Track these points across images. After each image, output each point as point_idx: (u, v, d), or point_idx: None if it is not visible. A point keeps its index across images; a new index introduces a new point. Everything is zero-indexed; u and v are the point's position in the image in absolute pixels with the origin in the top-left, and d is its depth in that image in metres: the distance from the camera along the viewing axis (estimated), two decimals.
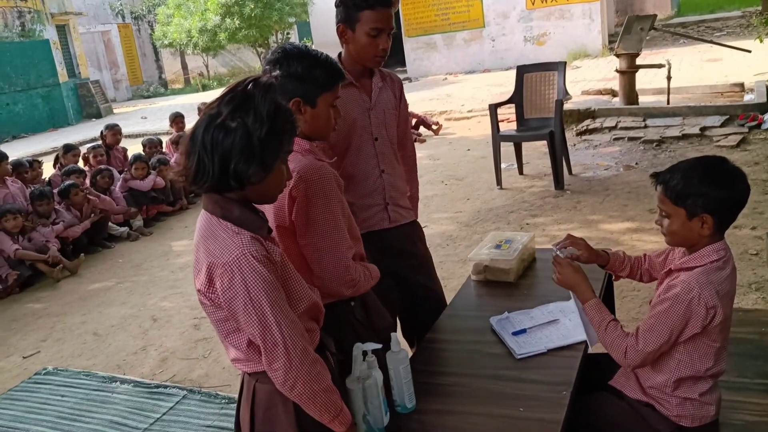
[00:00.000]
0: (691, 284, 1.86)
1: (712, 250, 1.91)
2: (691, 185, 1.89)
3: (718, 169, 1.92)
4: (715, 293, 1.85)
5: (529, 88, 6.68)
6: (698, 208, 1.88)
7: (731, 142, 6.96)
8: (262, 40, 17.51)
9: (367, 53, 2.48)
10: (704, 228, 1.90)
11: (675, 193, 1.91)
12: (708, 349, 1.94)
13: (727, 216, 1.92)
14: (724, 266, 1.92)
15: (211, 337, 4.34)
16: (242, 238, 1.55)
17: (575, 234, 2.42)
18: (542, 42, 15.83)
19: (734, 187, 1.89)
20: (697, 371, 1.95)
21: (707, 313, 1.85)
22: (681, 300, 1.87)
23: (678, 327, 1.89)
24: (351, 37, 2.46)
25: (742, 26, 16.24)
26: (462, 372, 2.15)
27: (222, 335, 1.66)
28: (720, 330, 1.93)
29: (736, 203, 1.91)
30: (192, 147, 1.55)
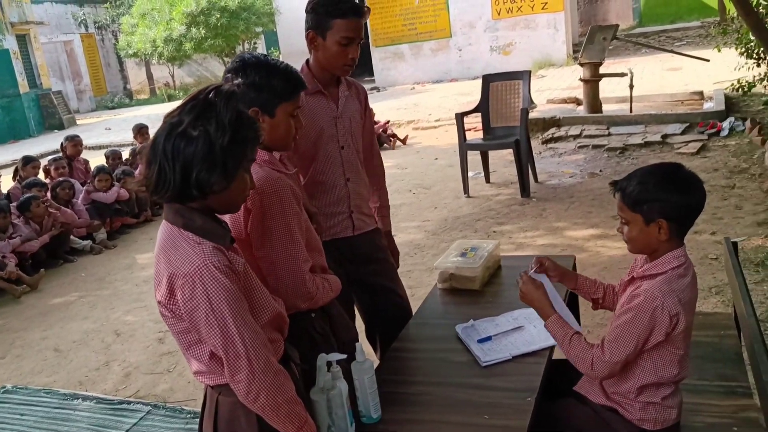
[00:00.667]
0: (654, 293, 1.88)
1: (673, 257, 1.93)
2: (647, 191, 1.91)
3: (674, 175, 1.94)
4: (678, 301, 1.87)
5: (494, 97, 6.75)
6: (654, 213, 1.90)
7: (692, 149, 7.11)
8: (228, 50, 17.41)
9: (337, 61, 2.48)
10: (661, 233, 1.91)
11: (632, 200, 1.93)
12: (672, 357, 1.96)
13: (684, 221, 1.94)
14: (686, 273, 1.94)
15: (176, 350, 4.27)
16: (204, 248, 1.53)
17: (541, 241, 2.46)
18: (508, 52, 16.00)
19: (690, 193, 1.91)
20: (660, 378, 1.97)
21: (671, 321, 1.87)
22: (645, 309, 1.88)
23: (643, 336, 1.90)
24: (321, 45, 2.46)
25: (701, 36, 16.61)
26: (428, 381, 2.14)
27: (184, 347, 1.64)
28: (683, 337, 1.95)
29: (692, 209, 1.93)
30: (153, 156, 1.53)
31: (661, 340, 1.91)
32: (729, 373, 2.40)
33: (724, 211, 5.26)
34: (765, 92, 8.48)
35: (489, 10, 15.98)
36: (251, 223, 1.93)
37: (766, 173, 5.97)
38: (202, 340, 1.58)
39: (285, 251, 1.95)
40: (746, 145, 6.96)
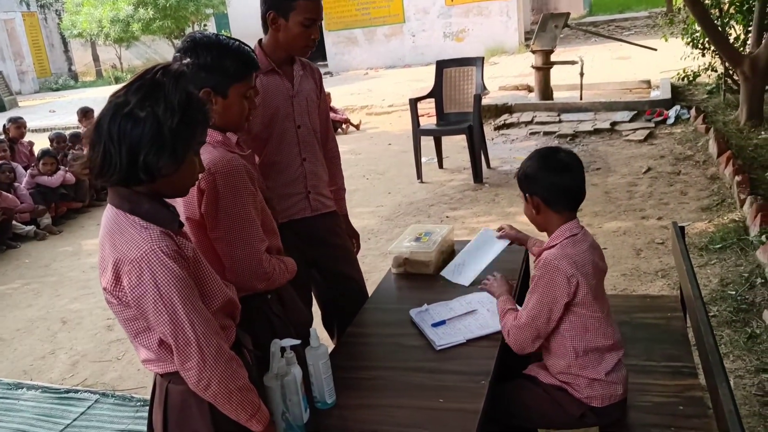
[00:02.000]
0: (549, 259, 2.03)
1: (565, 230, 2.08)
2: (526, 169, 2.12)
3: (548, 158, 2.12)
4: (573, 263, 1.99)
5: (448, 83, 6.77)
6: (530, 190, 2.10)
7: (639, 136, 7.27)
8: (178, 32, 17.00)
9: (298, 43, 2.48)
10: (538, 209, 2.10)
11: (519, 180, 2.16)
12: (590, 321, 2.04)
13: (556, 200, 2.08)
14: (582, 240, 2.07)
15: (125, 338, 4.16)
16: (151, 232, 1.48)
17: (494, 226, 2.58)
18: (461, 38, 16.05)
19: (559, 174, 2.07)
20: (590, 342, 2.04)
21: (568, 282, 1.98)
22: (542, 276, 2.03)
23: (546, 300, 2.01)
24: (282, 26, 2.45)
25: (649, 26, 16.96)
26: (382, 365, 2.14)
27: (131, 335, 1.59)
28: (594, 300, 2.02)
29: (562, 189, 2.08)
30: (97, 137, 1.47)
31: (574, 306, 2.01)
32: (675, 353, 2.47)
33: (670, 197, 5.40)
34: (709, 82, 8.72)
35: None
36: (205, 204, 1.90)
37: (709, 160, 6.14)
38: (150, 328, 1.54)
39: (240, 231, 1.92)
40: (691, 132, 7.16)
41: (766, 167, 5.69)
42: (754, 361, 3.04)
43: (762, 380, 2.91)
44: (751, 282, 3.72)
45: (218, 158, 1.87)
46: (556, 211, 2.08)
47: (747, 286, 3.69)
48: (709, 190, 5.42)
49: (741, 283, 3.75)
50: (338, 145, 2.92)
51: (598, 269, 2.07)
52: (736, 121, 7.13)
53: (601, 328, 2.04)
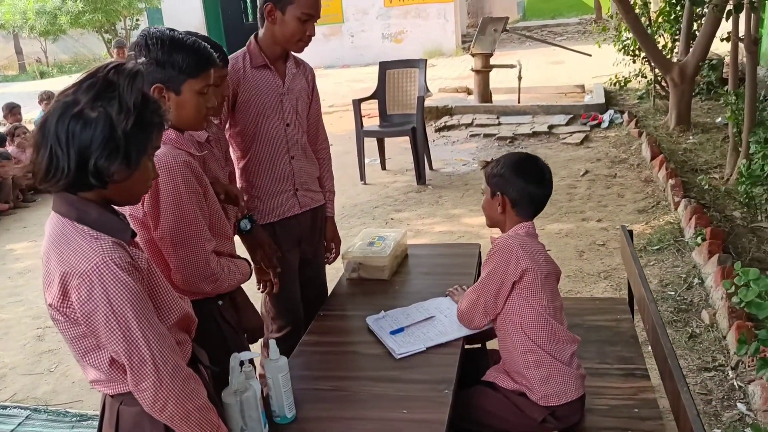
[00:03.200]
0: (504, 239, 2.13)
1: (520, 227, 2.16)
2: (498, 168, 2.17)
3: (527, 164, 2.18)
4: (525, 248, 2.07)
5: (391, 85, 6.75)
6: (498, 188, 2.15)
7: (576, 139, 7.44)
8: (108, 26, 16.36)
9: (293, 37, 2.48)
10: (500, 207, 2.15)
11: (489, 173, 2.21)
12: (539, 308, 2.08)
13: (523, 205, 2.15)
14: (534, 236, 2.17)
15: (57, 348, 3.96)
16: (102, 243, 1.37)
17: (439, 228, 2.63)
18: (400, 40, 16.10)
19: (533, 183, 2.14)
20: (541, 329, 2.07)
21: (518, 262, 2.05)
22: (495, 253, 2.12)
23: (496, 275, 2.08)
24: (279, 19, 2.44)
25: (580, 32, 17.47)
26: (342, 375, 2.09)
27: (79, 354, 1.46)
28: (541, 287, 2.08)
29: (532, 197, 2.15)
30: (42, 139, 1.35)
31: (522, 291, 2.06)
32: (627, 355, 2.51)
33: (608, 199, 5.54)
34: (639, 87, 9.02)
35: None
36: (147, 202, 1.84)
37: (643, 163, 6.34)
38: (100, 346, 1.42)
39: (184, 230, 1.87)
40: (625, 136, 7.37)
41: (696, 170, 5.92)
42: (696, 360, 3.13)
43: (704, 379, 3.00)
44: (689, 283, 3.84)
45: (160, 154, 1.78)
46: (518, 215, 2.15)
47: (685, 287, 3.81)
48: (645, 193, 5.59)
49: (679, 283, 3.86)
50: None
51: (550, 263, 2.15)
52: (665, 125, 7.39)
53: (550, 318, 2.09)
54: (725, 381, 2.95)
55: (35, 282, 5.07)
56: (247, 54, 2.55)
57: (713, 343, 3.23)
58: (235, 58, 2.53)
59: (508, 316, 2.11)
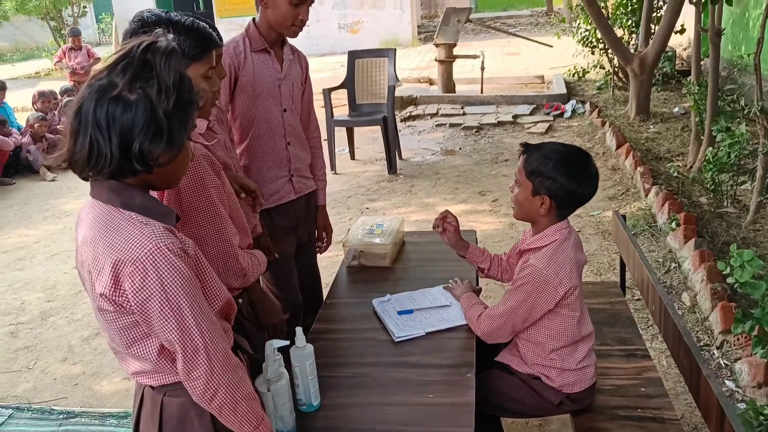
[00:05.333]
0: (538, 266, 1.98)
1: (555, 230, 2.04)
2: (546, 166, 1.98)
3: (576, 163, 2.01)
4: (562, 270, 1.98)
5: (360, 74, 6.72)
6: (543, 188, 1.99)
7: (540, 129, 7.56)
8: (55, 12, 15.78)
9: (286, 21, 2.47)
10: (542, 208, 2.01)
11: (531, 167, 2.01)
12: (569, 320, 2.06)
13: (567, 206, 2.04)
14: (569, 237, 2.05)
15: (33, 345, 3.83)
16: (153, 228, 1.32)
17: (415, 217, 2.56)
18: (356, 30, 16.03)
19: (582, 184, 2.00)
20: (566, 340, 2.07)
21: (556, 291, 1.98)
22: (529, 282, 1.99)
23: (527, 303, 2.00)
24: (271, 3, 2.44)
25: (532, 24, 17.73)
26: (360, 362, 2.07)
27: (125, 344, 1.41)
28: (576, 299, 2.05)
29: (578, 198, 2.03)
30: (80, 126, 1.29)
31: (557, 307, 2.01)
32: (626, 337, 2.58)
33: None
34: (597, 78, 9.22)
35: None
36: (167, 200, 1.77)
37: (608, 152, 6.49)
38: (149, 335, 1.38)
39: (210, 226, 1.83)
40: (588, 126, 7.53)
41: (659, 158, 6.10)
42: None
43: None
44: (666, 267, 3.96)
45: None
46: (559, 215, 2.04)
47: (664, 271, 3.93)
48: (613, 180, 5.72)
49: (657, 267, 3.98)
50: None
51: (580, 266, 2.09)
52: (626, 115, 7.58)
53: (577, 325, 2.07)
54: (711, 360, 3.06)
55: (0, 277, 4.89)
56: (246, 37, 2.52)
57: (696, 324, 3.34)
58: (236, 41, 2.51)
59: (536, 325, 2.07)
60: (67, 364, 3.60)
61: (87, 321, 4.04)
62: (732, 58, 7.74)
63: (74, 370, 3.52)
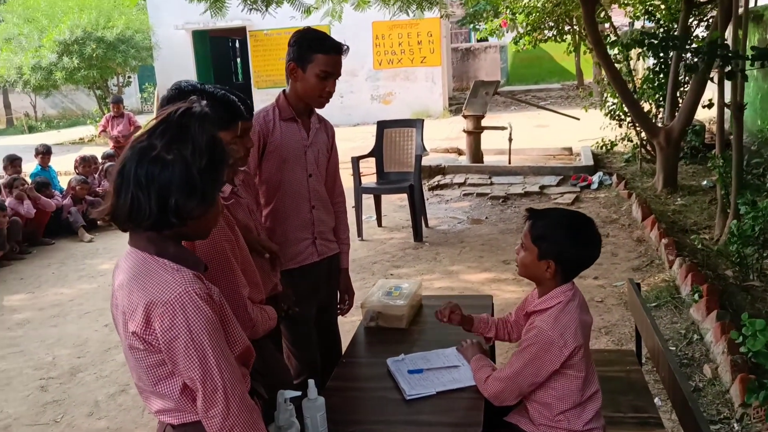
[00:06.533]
0: (543, 328, 2.05)
1: (560, 292, 2.11)
2: (551, 232, 2.09)
3: (581, 229, 2.11)
4: (566, 332, 2.04)
5: (388, 143, 6.93)
6: (549, 253, 2.08)
7: (567, 200, 7.64)
8: (101, 82, 16.61)
9: (314, 93, 2.62)
10: (548, 272, 2.10)
11: (536, 233, 2.11)
12: (575, 381, 2.10)
13: (572, 269, 2.13)
14: (573, 299, 2.11)
15: (62, 399, 3.94)
16: (183, 275, 1.47)
17: (438, 284, 2.60)
18: (388, 101, 16.51)
19: (587, 249, 2.11)
20: (573, 401, 2.11)
21: (561, 352, 2.03)
22: (534, 344, 2.06)
23: (533, 365, 2.05)
24: (300, 76, 2.60)
25: (563, 97, 18.05)
26: (372, 419, 2.13)
27: (151, 383, 1.53)
28: (581, 359, 2.09)
29: (583, 262, 2.14)
30: (122, 183, 1.45)
31: (563, 368, 2.06)
32: (639, 404, 2.58)
33: (603, 258, 5.66)
34: (625, 151, 9.32)
35: (371, 60, 16.46)
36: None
37: (634, 224, 6.52)
38: (174, 374, 1.50)
39: (223, 277, 1.92)
40: (614, 197, 7.59)
41: (685, 231, 6.10)
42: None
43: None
44: (689, 338, 3.94)
45: None
46: (563, 277, 2.11)
47: (685, 342, 3.91)
48: (637, 252, 5.74)
49: (679, 339, 3.96)
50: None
51: (586, 327, 2.14)
52: (653, 187, 7.63)
53: (584, 385, 2.11)
54: None
55: (34, 333, 5.05)
56: (276, 107, 2.70)
57: (717, 396, 3.31)
58: (266, 110, 2.69)
59: (542, 387, 2.11)
60: (93, 418, 3.69)
61: (114, 378, 4.14)
62: (759, 132, 7.79)
63: (99, 425, 3.61)
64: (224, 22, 15.02)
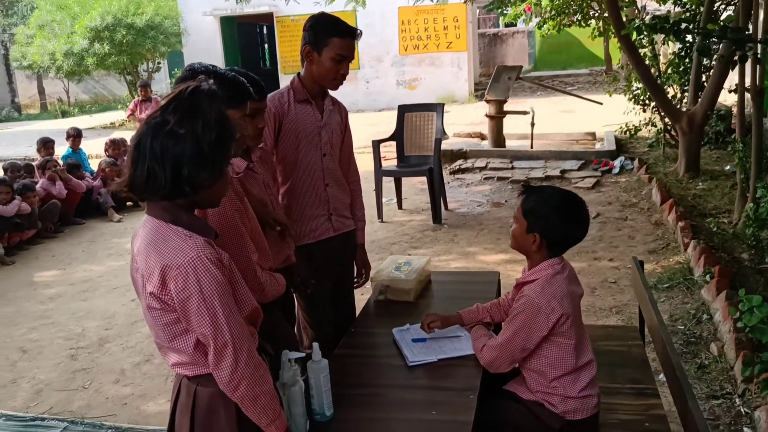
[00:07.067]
0: (531, 296, 2.17)
1: (548, 265, 2.21)
2: (540, 207, 2.19)
3: (569, 207, 2.21)
4: (554, 299, 2.14)
5: (409, 127, 7.02)
6: (536, 227, 2.18)
7: (587, 184, 7.66)
8: (131, 68, 16.92)
9: (328, 75, 2.72)
10: (534, 245, 2.20)
11: (527, 206, 2.22)
12: (566, 348, 2.20)
13: (558, 245, 2.23)
14: (562, 272, 2.21)
15: (90, 367, 4.14)
16: (195, 241, 1.60)
17: (454, 264, 2.68)
18: (414, 86, 16.54)
19: (572, 227, 2.21)
20: (566, 368, 2.21)
21: (547, 319, 2.13)
22: (523, 311, 2.17)
23: (523, 332, 2.16)
24: (316, 60, 2.71)
25: (590, 83, 17.89)
26: (374, 383, 2.26)
27: (168, 339, 1.68)
28: (570, 327, 2.19)
29: (569, 239, 2.23)
30: (139, 156, 1.58)
31: (553, 335, 2.16)
32: (638, 377, 2.66)
33: (619, 240, 5.72)
34: (649, 136, 9.27)
35: (396, 45, 16.49)
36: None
37: (653, 207, 6.53)
38: (188, 330, 1.64)
39: (233, 243, 2.03)
40: (635, 182, 7.58)
41: (704, 215, 6.09)
42: (705, 389, 3.27)
43: (712, 406, 3.13)
44: (698, 318, 4.00)
45: None
46: (550, 254, 2.22)
47: (694, 322, 3.96)
48: (655, 235, 5.76)
49: (689, 318, 4.02)
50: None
51: (575, 297, 2.24)
52: (675, 172, 7.60)
53: (575, 352, 2.21)
54: (732, 408, 3.08)
55: (65, 306, 5.27)
56: (291, 90, 2.81)
57: (721, 373, 3.37)
58: (281, 93, 2.81)
59: (535, 355, 2.22)
60: (119, 385, 3.88)
61: (139, 348, 4.33)
62: None
63: (124, 391, 3.80)
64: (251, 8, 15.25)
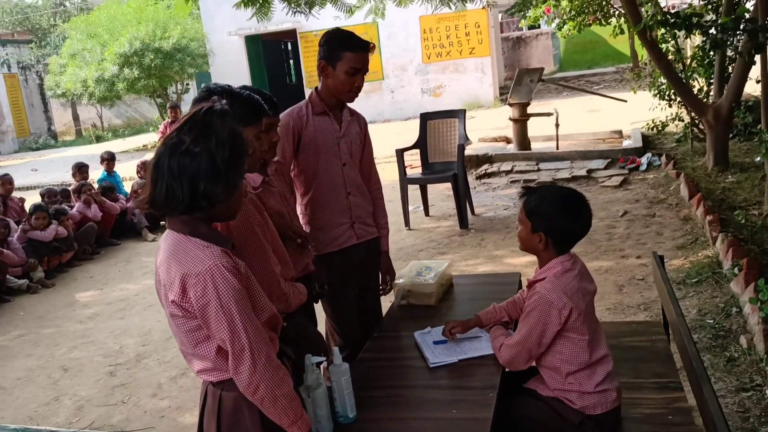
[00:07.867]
0: (542, 293, 2.20)
1: (558, 262, 2.25)
2: (542, 206, 2.24)
3: (570, 203, 2.25)
4: (563, 294, 2.17)
5: (432, 134, 7.08)
6: (540, 226, 2.23)
7: (615, 182, 7.61)
8: (161, 91, 17.33)
9: (344, 88, 2.81)
10: (540, 244, 2.24)
11: (529, 207, 2.26)
12: (580, 343, 2.23)
13: (563, 241, 2.26)
14: (572, 269, 2.25)
15: (129, 383, 4.27)
16: (213, 251, 1.69)
17: (482, 268, 2.72)
18: (438, 94, 16.60)
19: (575, 222, 2.25)
20: (580, 363, 2.24)
21: (560, 314, 2.17)
22: (535, 308, 2.21)
23: (537, 328, 2.20)
24: (331, 74, 2.80)
25: (617, 80, 17.71)
26: (396, 384, 2.32)
27: (191, 345, 1.76)
28: (583, 323, 2.22)
29: (572, 235, 2.26)
30: (158, 174, 1.68)
31: (565, 331, 2.20)
32: (662, 371, 2.67)
33: (647, 237, 5.68)
34: (677, 131, 9.16)
35: (419, 54, 16.59)
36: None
37: (682, 203, 6.47)
38: (210, 337, 1.72)
39: (257, 257, 2.11)
40: (663, 178, 7.52)
41: (734, 208, 6.02)
42: (734, 382, 3.25)
43: (742, 398, 3.11)
44: (727, 311, 3.96)
45: None
46: (556, 252, 2.27)
47: (723, 315, 3.93)
48: (683, 230, 5.71)
49: (718, 312, 3.98)
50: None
51: (587, 293, 2.27)
52: (704, 166, 7.51)
53: (589, 348, 2.24)
54: (762, 400, 3.06)
55: (103, 325, 5.44)
56: (309, 103, 2.91)
57: (750, 365, 3.34)
58: (299, 107, 2.90)
59: (550, 351, 2.26)
60: (156, 399, 4.00)
61: (175, 363, 4.45)
62: None
63: (161, 405, 3.92)
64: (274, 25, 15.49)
